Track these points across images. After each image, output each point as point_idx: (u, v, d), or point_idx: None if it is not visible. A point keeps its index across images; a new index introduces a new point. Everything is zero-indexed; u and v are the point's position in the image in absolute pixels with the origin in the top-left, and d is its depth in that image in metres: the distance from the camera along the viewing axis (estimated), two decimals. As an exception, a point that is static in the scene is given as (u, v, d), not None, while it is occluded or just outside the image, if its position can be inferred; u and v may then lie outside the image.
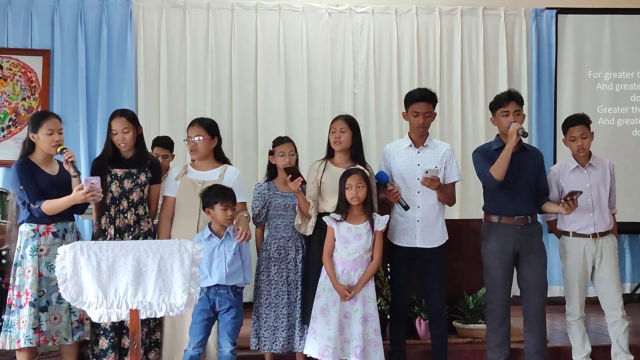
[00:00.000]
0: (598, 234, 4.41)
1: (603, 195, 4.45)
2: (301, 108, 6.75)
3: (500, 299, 4.24)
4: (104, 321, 3.25)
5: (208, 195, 3.95)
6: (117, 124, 4.19)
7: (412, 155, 4.31)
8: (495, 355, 4.29)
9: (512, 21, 7.10)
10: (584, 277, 4.45)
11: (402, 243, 4.25)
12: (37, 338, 3.86)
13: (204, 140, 4.24)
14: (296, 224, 4.30)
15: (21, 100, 6.37)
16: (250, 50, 6.73)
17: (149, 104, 6.48)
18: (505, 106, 4.24)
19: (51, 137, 4.00)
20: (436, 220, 4.26)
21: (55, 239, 3.97)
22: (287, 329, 4.26)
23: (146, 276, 3.19)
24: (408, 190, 4.22)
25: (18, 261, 3.97)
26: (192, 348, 3.87)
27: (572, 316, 4.47)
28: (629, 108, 7.04)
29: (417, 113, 4.25)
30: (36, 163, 4.03)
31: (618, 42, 7.04)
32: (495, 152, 4.26)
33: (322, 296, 4.00)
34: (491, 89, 6.97)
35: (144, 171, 4.23)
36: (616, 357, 4.47)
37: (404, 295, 4.32)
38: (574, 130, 4.44)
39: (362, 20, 6.90)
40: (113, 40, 6.53)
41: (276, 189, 4.43)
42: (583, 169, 4.46)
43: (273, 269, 4.32)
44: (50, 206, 3.93)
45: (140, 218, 4.21)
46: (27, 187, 3.94)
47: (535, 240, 4.30)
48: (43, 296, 3.91)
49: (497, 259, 4.24)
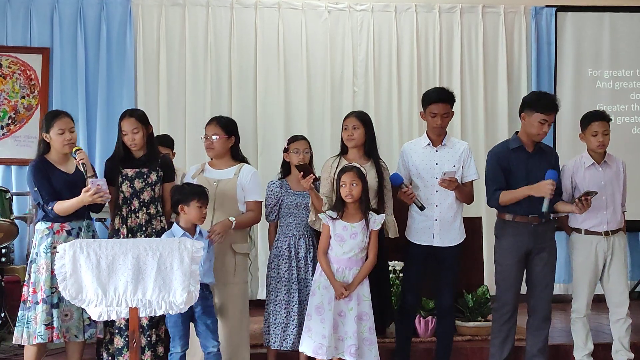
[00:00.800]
0: (610, 232, 4.42)
1: (617, 193, 4.45)
2: (300, 106, 6.74)
3: (509, 297, 4.25)
4: (103, 319, 3.25)
5: (183, 192, 3.92)
6: (127, 124, 4.20)
7: (430, 154, 4.30)
8: (497, 351, 4.30)
9: (512, 19, 7.10)
10: (595, 275, 4.45)
11: (419, 241, 4.25)
12: (49, 334, 3.91)
13: (220, 139, 4.23)
14: (310, 220, 4.31)
15: (20, 98, 6.36)
16: (250, 48, 6.72)
17: (148, 102, 6.46)
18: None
19: (62, 136, 4.02)
20: (454, 219, 4.26)
21: (69, 237, 3.99)
22: (298, 326, 4.26)
23: (146, 274, 3.19)
24: (426, 189, 4.23)
25: (33, 258, 4.03)
26: (180, 349, 3.85)
27: (578, 313, 4.47)
28: (628, 106, 7.04)
29: (435, 114, 4.23)
30: (52, 162, 4.07)
31: (618, 40, 7.04)
32: (512, 152, 4.26)
33: (317, 294, 3.99)
34: (491, 87, 6.99)
35: (155, 170, 4.23)
36: (617, 354, 4.48)
37: (415, 292, 4.32)
38: (597, 125, 4.39)
39: (362, 18, 6.89)
40: (112, 38, 6.52)
41: (288, 187, 4.44)
42: (598, 166, 4.44)
43: (283, 266, 4.34)
44: (61, 207, 3.96)
45: (152, 217, 4.21)
46: (41, 188, 3.99)
47: (549, 239, 4.31)
48: (55, 293, 3.92)
49: (510, 257, 4.24)
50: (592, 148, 4.44)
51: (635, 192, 6.62)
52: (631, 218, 6.48)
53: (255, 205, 4.23)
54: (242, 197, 4.19)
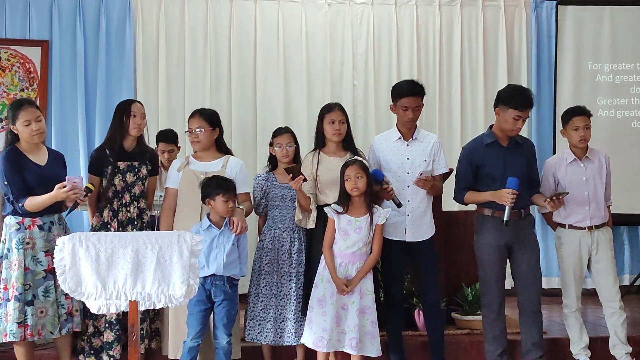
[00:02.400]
0: (594, 227, 4.42)
1: (599, 188, 4.45)
2: (300, 99, 6.73)
3: (495, 292, 4.25)
4: (102, 312, 3.25)
5: (209, 186, 3.94)
6: (137, 108, 4.24)
7: (401, 149, 4.29)
8: (492, 347, 4.30)
9: (512, 12, 7.08)
10: (580, 269, 4.46)
11: (392, 236, 4.23)
12: (21, 332, 3.83)
13: (205, 131, 4.23)
14: (297, 219, 4.28)
15: (19, 91, 6.35)
16: (250, 42, 6.70)
17: (147, 96, 6.45)
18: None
19: (29, 127, 3.90)
20: (424, 214, 4.27)
21: (41, 232, 3.93)
22: (273, 320, 4.24)
23: (145, 267, 3.19)
24: (398, 184, 4.20)
25: (4, 254, 3.93)
26: (191, 339, 3.88)
27: (569, 308, 4.48)
28: (628, 100, 7.02)
29: (407, 107, 4.21)
30: (23, 152, 3.96)
31: (618, 34, 7.02)
32: (486, 147, 4.24)
33: (320, 287, 4.00)
34: (491, 80, 6.98)
35: (145, 164, 4.24)
36: (614, 348, 4.49)
37: (397, 284, 4.30)
38: (577, 120, 4.42)
39: (362, 12, 6.88)
40: (112, 32, 6.51)
41: (275, 180, 4.43)
42: (580, 162, 4.46)
43: (265, 259, 4.33)
44: (33, 203, 3.86)
45: (142, 211, 4.22)
46: (12, 182, 3.88)
47: (529, 233, 4.31)
48: (29, 290, 3.88)
49: (491, 252, 4.25)
50: (574, 143, 4.45)
51: (635, 185, 6.67)
52: (631, 212, 6.57)
53: (246, 197, 4.26)
54: None
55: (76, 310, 4.02)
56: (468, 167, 4.27)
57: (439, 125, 6.79)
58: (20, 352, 3.95)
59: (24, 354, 3.95)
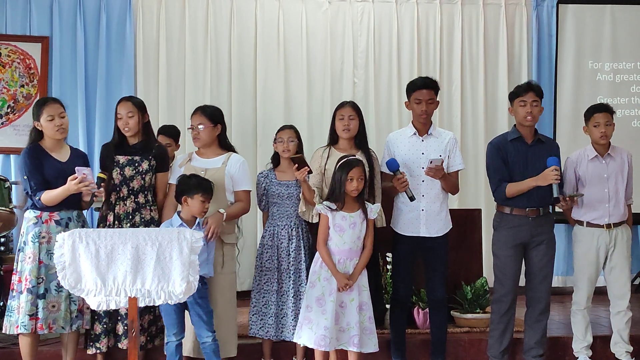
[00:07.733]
0: (612, 225, 4.41)
1: (620, 186, 4.44)
2: (300, 97, 6.72)
3: (508, 289, 4.26)
4: (102, 309, 3.25)
5: (188, 184, 3.92)
6: (123, 107, 4.21)
7: (416, 143, 4.30)
8: (496, 342, 4.31)
9: (513, 11, 7.07)
10: (596, 268, 4.45)
11: (406, 232, 4.25)
12: (32, 325, 3.87)
13: (206, 128, 4.22)
14: (300, 211, 4.32)
15: (19, 87, 6.34)
16: (250, 39, 6.69)
17: (147, 92, 6.44)
18: (523, 96, 4.25)
19: (52, 122, 3.99)
20: (440, 209, 4.27)
21: (58, 227, 3.97)
22: (274, 316, 4.29)
23: (145, 264, 3.19)
24: (412, 179, 4.20)
25: (21, 247, 3.99)
26: (175, 339, 3.86)
27: (578, 305, 4.48)
28: (629, 99, 7.03)
29: (420, 100, 4.24)
30: (45, 149, 4.03)
31: (618, 33, 7.03)
32: (510, 143, 4.26)
33: (317, 285, 3.99)
34: (491, 78, 6.98)
35: (147, 159, 4.21)
36: (615, 346, 4.49)
37: (406, 284, 4.32)
38: (599, 116, 4.41)
39: (362, 9, 6.87)
40: (112, 28, 6.50)
41: (274, 177, 4.44)
42: (602, 158, 4.44)
43: (265, 255, 4.37)
44: (49, 197, 3.92)
45: (141, 206, 4.20)
46: (31, 176, 3.95)
47: (546, 232, 4.30)
48: (42, 283, 3.91)
49: (508, 249, 4.25)
50: (595, 139, 4.44)
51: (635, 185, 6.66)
52: (633, 211, 6.56)
53: (244, 195, 4.24)
54: (230, 187, 4.19)
55: (87, 308, 4.04)
56: (498, 159, 4.26)
57: (439, 124, 6.75)
58: (25, 343, 3.96)
59: (29, 345, 3.96)
